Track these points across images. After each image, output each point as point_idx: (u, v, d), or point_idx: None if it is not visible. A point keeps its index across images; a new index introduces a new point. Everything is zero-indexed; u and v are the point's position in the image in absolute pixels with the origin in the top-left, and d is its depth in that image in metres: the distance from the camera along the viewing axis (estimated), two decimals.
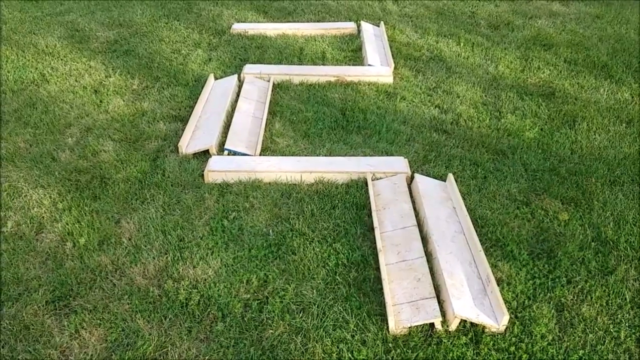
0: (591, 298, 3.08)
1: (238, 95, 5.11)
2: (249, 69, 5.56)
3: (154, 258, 3.29)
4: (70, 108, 4.86)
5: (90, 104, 4.94)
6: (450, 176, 3.95)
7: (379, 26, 6.70)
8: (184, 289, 3.07)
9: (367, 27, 6.60)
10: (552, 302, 3.06)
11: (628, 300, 3.07)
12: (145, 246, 3.38)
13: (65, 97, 5.04)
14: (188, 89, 5.26)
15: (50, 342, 2.78)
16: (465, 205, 3.68)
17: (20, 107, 4.85)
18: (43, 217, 3.60)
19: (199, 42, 6.23)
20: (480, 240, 3.45)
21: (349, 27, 6.64)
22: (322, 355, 2.76)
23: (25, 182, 3.92)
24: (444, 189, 3.93)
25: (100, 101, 5.00)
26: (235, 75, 5.40)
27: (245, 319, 2.95)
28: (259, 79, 5.41)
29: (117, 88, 5.23)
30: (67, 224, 3.51)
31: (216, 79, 5.44)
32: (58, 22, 6.70)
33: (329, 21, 6.94)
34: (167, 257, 3.29)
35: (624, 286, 3.15)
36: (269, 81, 5.36)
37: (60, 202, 3.71)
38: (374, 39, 6.35)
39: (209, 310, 2.98)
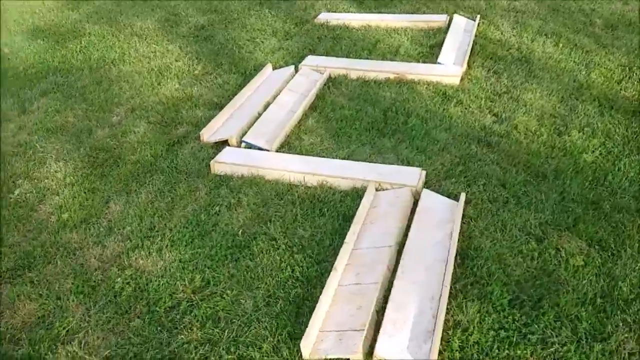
0: None
1: None
2: (309, 60, 5.39)
3: (115, 242, 3.34)
4: (128, 88, 5.14)
5: (148, 85, 5.18)
6: (462, 196, 3.46)
7: (474, 20, 6.08)
8: (122, 279, 3.07)
9: (458, 21, 6.03)
10: None
11: None
12: (117, 230, 3.45)
13: (130, 77, 5.34)
14: (243, 77, 5.26)
15: None
16: (466, 231, 3.21)
17: (88, 84, 5.24)
18: (48, 189, 3.85)
19: (277, 31, 6.20)
20: (463, 274, 2.98)
21: (438, 20, 6.12)
22: None
23: (54, 154, 4.22)
24: (452, 209, 3.44)
25: (159, 83, 5.21)
26: (292, 67, 5.27)
27: (168, 319, 2.86)
28: (315, 71, 5.23)
29: (179, 72, 5.41)
30: (62, 199, 3.72)
31: (275, 69, 5.36)
32: (162, 6, 7.12)
33: (422, 13, 6.46)
34: (127, 244, 3.32)
35: None
36: (323, 74, 5.14)
37: (70, 177, 3.94)
38: (461, 34, 5.78)
39: (137, 304, 2.94)
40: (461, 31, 5.86)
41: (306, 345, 2.62)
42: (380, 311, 2.81)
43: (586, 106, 4.40)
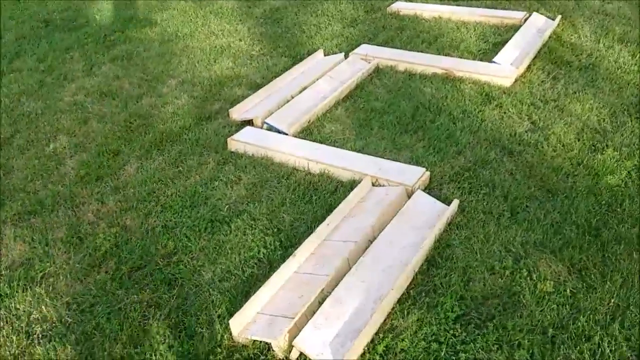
0: None
1: None
2: (360, 49, 5.34)
3: (114, 202, 3.61)
4: (186, 63, 5.44)
5: (204, 62, 5.44)
6: (454, 203, 3.31)
7: (554, 20, 5.64)
8: (105, 235, 3.32)
9: (535, 20, 5.64)
10: None
11: None
12: (122, 190, 3.72)
13: (192, 52, 5.64)
14: (293, 61, 5.34)
15: None
16: (445, 239, 3.09)
17: (153, 56, 5.62)
18: (81, 146, 4.22)
19: (345, 17, 6.19)
20: (424, 281, 2.88)
21: (513, 17, 5.76)
22: (153, 335, 2.73)
23: (99, 115, 4.61)
24: (441, 214, 3.30)
25: (215, 61, 5.46)
26: (342, 54, 5.27)
27: (130, 278, 3.06)
28: (363, 60, 5.18)
29: (237, 51, 5.61)
30: (88, 157, 4.07)
31: (327, 55, 5.39)
32: None
33: (502, 8, 6.10)
34: (123, 204, 3.58)
35: None
36: (369, 63, 5.08)
37: (102, 138, 4.29)
38: (532, 34, 5.41)
39: (109, 260, 3.18)
40: (534, 31, 5.48)
41: (236, 323, 2.68)
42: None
43: (636, 124, 3.96)
